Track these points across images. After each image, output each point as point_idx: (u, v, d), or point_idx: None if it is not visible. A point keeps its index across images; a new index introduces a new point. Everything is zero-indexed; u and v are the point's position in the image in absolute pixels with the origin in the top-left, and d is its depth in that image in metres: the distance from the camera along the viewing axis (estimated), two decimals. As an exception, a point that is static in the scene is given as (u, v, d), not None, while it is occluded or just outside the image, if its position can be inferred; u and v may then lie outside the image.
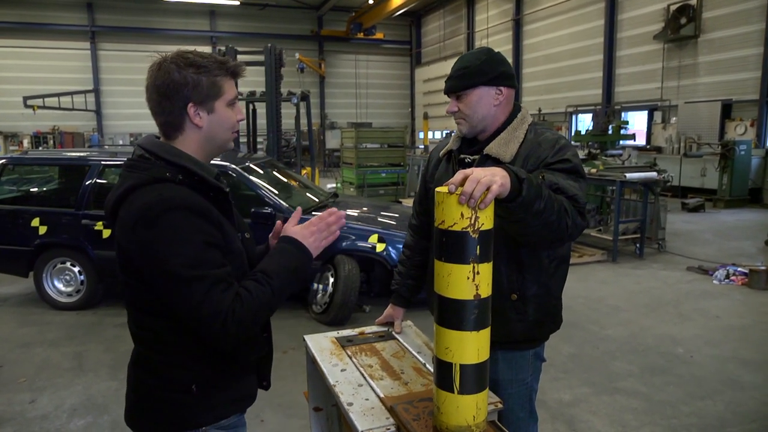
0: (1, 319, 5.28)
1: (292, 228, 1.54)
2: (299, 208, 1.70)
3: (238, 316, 1.32)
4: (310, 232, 1.52)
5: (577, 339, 4.68)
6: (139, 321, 1.46)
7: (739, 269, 6.44)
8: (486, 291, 1.34)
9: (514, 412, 1.92)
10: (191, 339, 1.39)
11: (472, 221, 1.28)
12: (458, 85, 1.82)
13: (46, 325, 5.07)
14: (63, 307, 5.43)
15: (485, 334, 1.37)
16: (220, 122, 1.46)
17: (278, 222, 1.65)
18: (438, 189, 1.31)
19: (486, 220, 1.30)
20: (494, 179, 1.29)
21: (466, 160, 1.89)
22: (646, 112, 15.92)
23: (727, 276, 6.36)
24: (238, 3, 23.19)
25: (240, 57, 8.51)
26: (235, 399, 1.54)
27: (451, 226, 1.29)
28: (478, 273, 1.31)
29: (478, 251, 1.29)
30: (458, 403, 1.38)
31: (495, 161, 1.77)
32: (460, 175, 1.29)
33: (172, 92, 1.40)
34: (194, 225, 1.34)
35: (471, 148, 1.91)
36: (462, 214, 1.27)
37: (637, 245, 7.59)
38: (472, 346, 1.35)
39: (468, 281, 1.31)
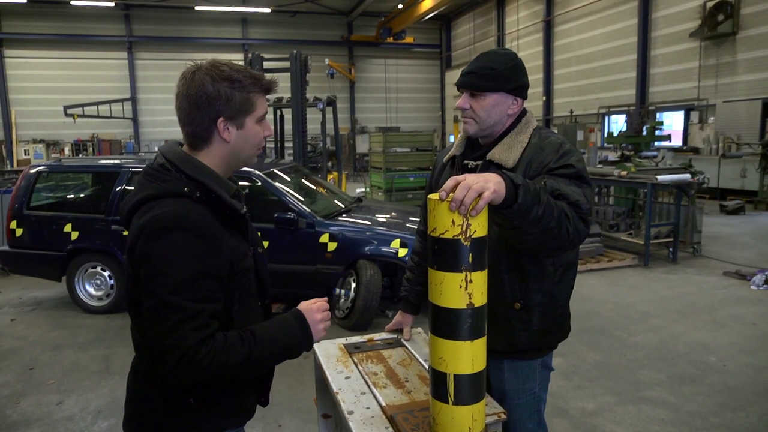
0: (36, 322, 5.45)
1: (306, 304, 1.51)
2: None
3: (198, 360, 1.27)
4: (321, 316, 1.49)
5: (603, 346, 4.56)
6: (142, 329, 1.46)
7: (779, 274, 6.19)
8: (480, 300, 1.31)
9: (522, 423, 1.87)
10: None
11: (464, 229, 1.25)
12: (480, 84, 1.74)
13: (77, 329, 5.21)
14: (94, 311, 5.58)
15: (480, 343, 1.34)
16: (248, 138, 1.45)
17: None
18: (430, 196, 1.29)
19: (479, 227, 1.27)
20: (486, 186, 1.25)
21: (469, 166, 1.85)
22: (682, 113, 15.47)
23: (766, 281, 6.10)
24: (269, 11, 23.54)
25: (266, 63, 8.61)
26: (231, 414, 1.52)
27: (443, 234, 1.26)
28: (470, 281, 1.28)
29: (470, 259, 1.26)
30: (453, 414, 1.35)
31: (498, 167, 1.73)
32: (451, 181, 1.26)
33: (204, 104, 1.38)
34: (195, 250, 1.32)
35: (474, 153, 1.87)
36: (453, 222, 1.25)
37: (670, 249, 7.37)
38: (466, 356, 1.32)
39: (461, 290, 1.28)
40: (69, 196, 6.59)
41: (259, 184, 5.30)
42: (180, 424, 1.45)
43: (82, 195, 6.65)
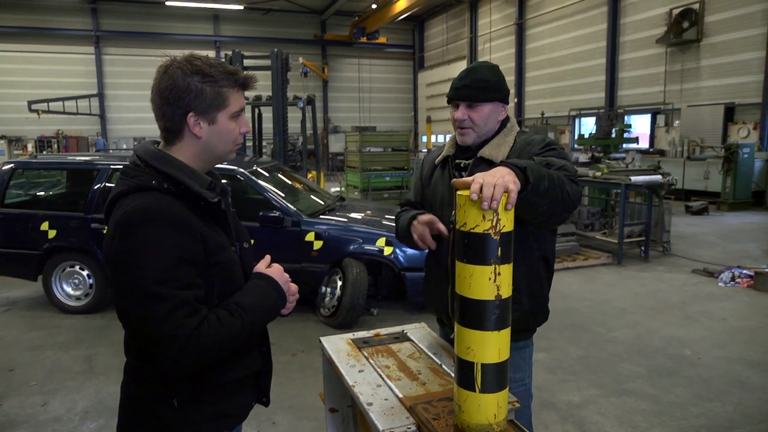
0: (11, 323, 5.31)
1: (270, 268, 1.54)
2: (267, 256, 1.61)
3: (203, 342, 1.29)
4: (286, 277, 1.54)
5: (584, 341, 4.70)
6: (131, 330, 1.44)
7: (744, 271, 6.46)
8: (507, 291, 1.37)
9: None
10: None
11: (494, 223, 1.30)
12: (478, 95, 1.91)
13: (56, 329, 5.10)
14: (72, 311, 5.46)
15: (506, 333, 1.40)
16: (221, 134, 1.44)
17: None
18: (459, 192, 1.34)
19: (507, 222, 1.32)
20: (506, 179, 1.33)
21: (462, 165, 2.00)
22: (649, 116, 15.95)
23: (733, 278, 6.37)
24: (241, 8, 23.29)
25: (246, 62, 8.55)
26: (219, 416, 1.49)
27: (473, 228, 1.31)
28: (499, 274, 1.33)
29: (499, 252, 1.32)
30: (480, 402, 1.40)
31: (489, 163, 1.87)
32: (476, 184, 1.31)
33: (174, 99, 1.37)
34: (171, 238, 1.30)
35: (465, 153, 2.02)
36: (484, 216, 1.30)
37: (642, 248, 7.61)
38: (493, 346, 1.38)
39: (490, 282, 1.33)
40: (45, 194, 6.44)
41: (243, 181, 5.28)
42: (163, 425, 1.43)
43: (59, 192, 6.50)
